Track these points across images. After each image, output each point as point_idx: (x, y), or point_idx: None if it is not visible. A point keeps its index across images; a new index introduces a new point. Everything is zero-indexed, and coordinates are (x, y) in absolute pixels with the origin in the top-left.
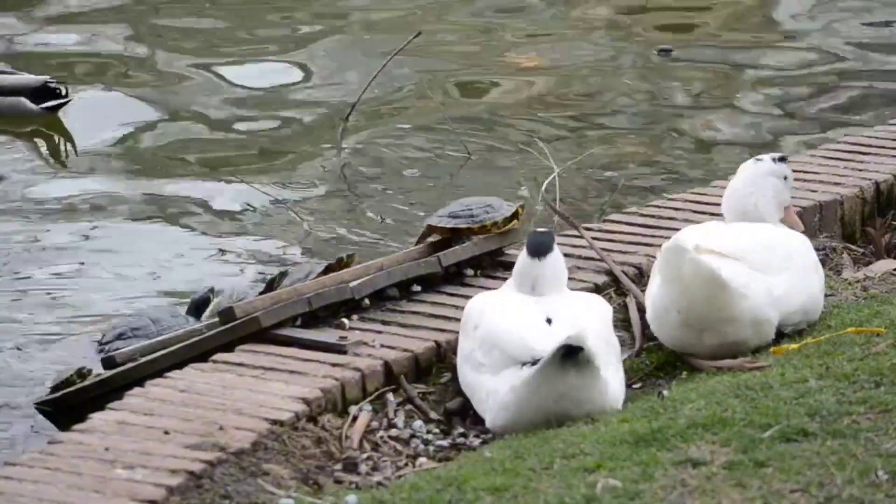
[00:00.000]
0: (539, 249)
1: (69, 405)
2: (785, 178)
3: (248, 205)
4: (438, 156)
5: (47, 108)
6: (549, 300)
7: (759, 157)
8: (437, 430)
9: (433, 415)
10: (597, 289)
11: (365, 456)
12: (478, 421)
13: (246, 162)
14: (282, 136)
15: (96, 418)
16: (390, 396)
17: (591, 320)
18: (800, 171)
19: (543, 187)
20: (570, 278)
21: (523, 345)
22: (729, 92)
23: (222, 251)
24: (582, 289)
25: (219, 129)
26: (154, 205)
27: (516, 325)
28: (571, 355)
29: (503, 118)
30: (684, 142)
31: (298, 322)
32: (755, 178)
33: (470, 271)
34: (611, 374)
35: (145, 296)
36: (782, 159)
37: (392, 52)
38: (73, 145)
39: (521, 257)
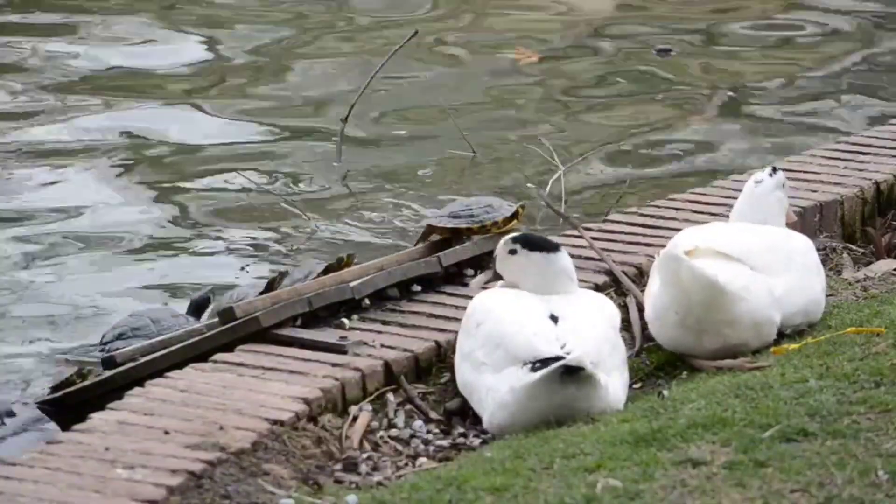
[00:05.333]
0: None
1: (69, 405)
2: (783, 185)
3: (248, 203)
4: (442, 154)
5: None
6: (555, 299)
7: (758, 178)
8: (437, 430)
9: (433, 415)
10: (597, 289)
11: (365, 456)
12: (478, 421)
13: (246, 160)
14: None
15: (96, 418)
16: (390, 396)
17: (596, 323)
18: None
19: (548, 187)
20: None
21: (528, 345)
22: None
23: (226, 249)
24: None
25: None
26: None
27: (521, 324)
28: (571, 372)
29: (505, 116)
30: (685, 142)
31: (298, 322)
32: (763, 199)
33: (470, 271)
34: (613, 378)
35: (146, 294)
36: (775, 170)
37: (389, 52)
38: None
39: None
